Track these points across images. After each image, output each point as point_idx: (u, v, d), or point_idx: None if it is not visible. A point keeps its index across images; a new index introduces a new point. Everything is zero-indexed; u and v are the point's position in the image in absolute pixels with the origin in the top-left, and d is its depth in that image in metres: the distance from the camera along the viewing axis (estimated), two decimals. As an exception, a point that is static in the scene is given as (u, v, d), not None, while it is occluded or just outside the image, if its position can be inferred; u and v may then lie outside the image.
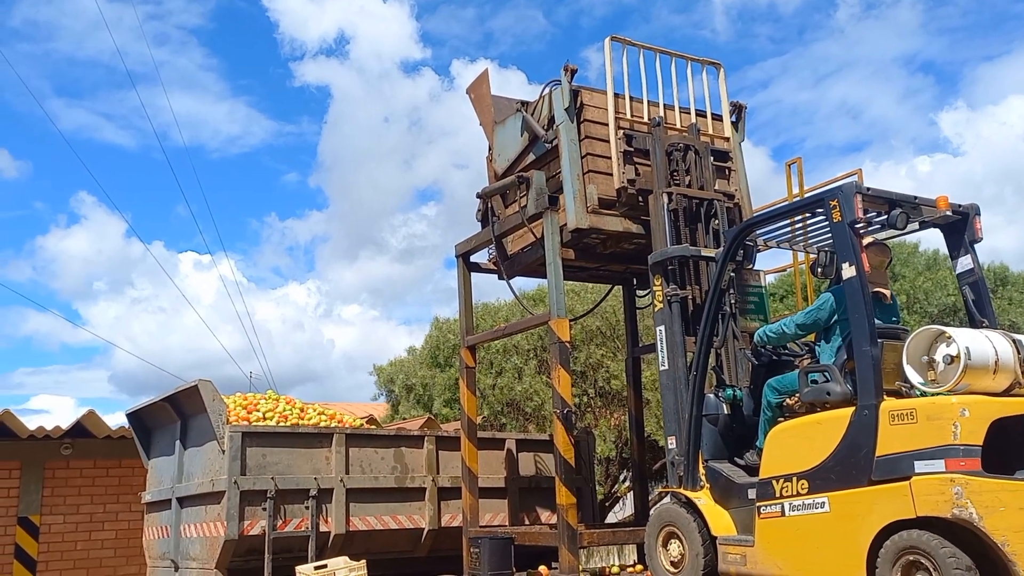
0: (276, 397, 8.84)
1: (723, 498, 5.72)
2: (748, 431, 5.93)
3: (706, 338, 5.91)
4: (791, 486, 5.09)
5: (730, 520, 5.61)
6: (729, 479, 5.72)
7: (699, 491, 5.84)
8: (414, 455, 8.38)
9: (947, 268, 17.27)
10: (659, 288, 6.46)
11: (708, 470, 5.87)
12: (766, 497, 5.23)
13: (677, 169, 7.02)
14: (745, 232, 5.93)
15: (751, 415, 5.97)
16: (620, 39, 7.41)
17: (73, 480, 10.68)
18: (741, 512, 5.55)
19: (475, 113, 8.47)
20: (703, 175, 7.12)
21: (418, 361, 17.29)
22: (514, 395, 14.18)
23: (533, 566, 7.34)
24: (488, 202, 7.98)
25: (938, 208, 5.48)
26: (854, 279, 5.00)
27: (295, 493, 7.57)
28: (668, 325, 6.37)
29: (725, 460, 5.92)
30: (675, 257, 6.46)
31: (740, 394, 6.04)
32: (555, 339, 7.01)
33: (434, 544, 8.33)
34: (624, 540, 8.76)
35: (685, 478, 5.95)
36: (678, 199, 6.82)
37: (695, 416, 5.92)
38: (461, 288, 8.30)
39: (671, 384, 6.29)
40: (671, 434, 6.23)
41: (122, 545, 10.73)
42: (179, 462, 8.18)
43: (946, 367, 4.74)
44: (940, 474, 4.40)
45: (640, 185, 7.15)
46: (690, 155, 7.10)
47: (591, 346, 14.22)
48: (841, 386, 5.08)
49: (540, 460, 9.16)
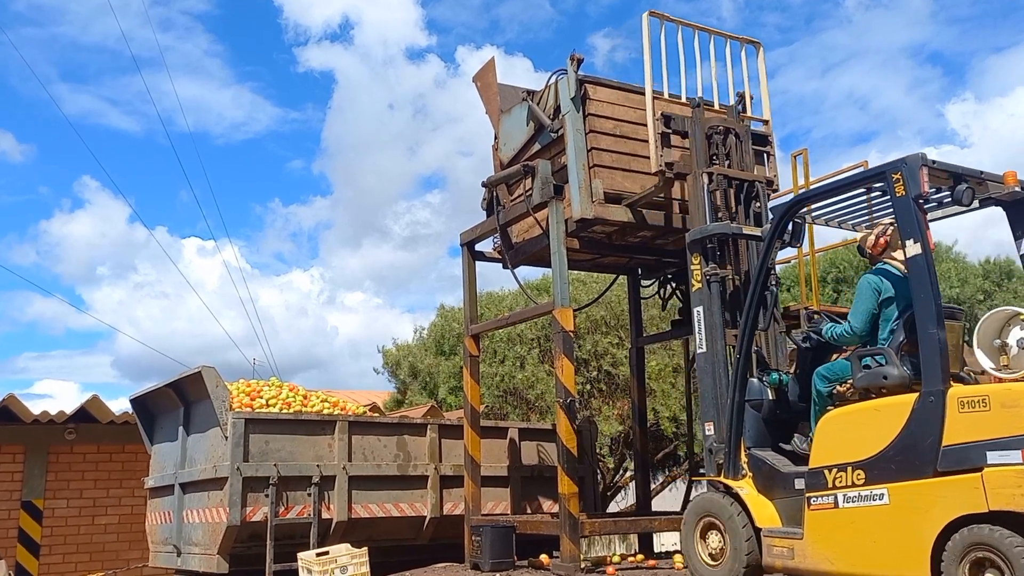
0: (279, 384, 8.85)
1: (767, 487, 5.45)
2: (793, 417, 5.69)
3: (751, 320, 5.62)
4: (845, 476, 4.82)
5: (774, 511, 5.35)
6: (774, 468, 5.43)
7: (741, 480, 5.58)
8: (417, 443, 8.39)
9: (950, 260, 17.22)
10: (697, 267, 6.20)
11: (751, 458, 5.60)
12: (817, 487, 4.96)
13: (717, 152, 6.77)
14: (795, 208, 5.56)
15: (796, 401, 5.71)
16: (658, 15, 7.14)
17: (77, 465, 10.73)
18: (787, 502, 5.28)
19: (481, 101, 8.44)
20: (743, 159, 6.87)
21: (423, 348, 17.33)
22: (515, 383, 14.19)
23: (534, 554, 7.35)
24: (493, 191, 7.96)
25: (1005, 184, 5.10)
26: (919, 257, 4.68)
27: (297, 480, 7.59)
28: (707, 306, 6.12)
29: (768, 448, 5.65)
30: (715, 235, 6.21)
31: (786, 379, 5.80)
32: (559, 328, 7.00)
33: (436, 532, 8.35)
34: (625, 529, 8.77)
35: (726, 466, 5.67)
36: (718, 179, 6.59)
37: (738, 401, 5.64)
38: (466, 277, 8.30)
39: (709, 368, 6.06)
40: (709, 420, 5.99)
41: (125, 530, 10.78)
42: (182, 448, 8.20)
43: (1020, 351, 4.51)
44: (1016, 466, 4.12)
45: (678, 169, 6.95)
46: (730, 138, 6.85)
47: (595, 335, 14.22)
48: (899, 370, 4.81)
49: (542, 449, 9.17)
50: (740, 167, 6.83)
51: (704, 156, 6.73)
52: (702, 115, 6.90)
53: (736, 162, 6.83)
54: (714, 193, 6.55)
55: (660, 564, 7.24)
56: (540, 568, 7.09)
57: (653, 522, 7.97)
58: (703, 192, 6.52)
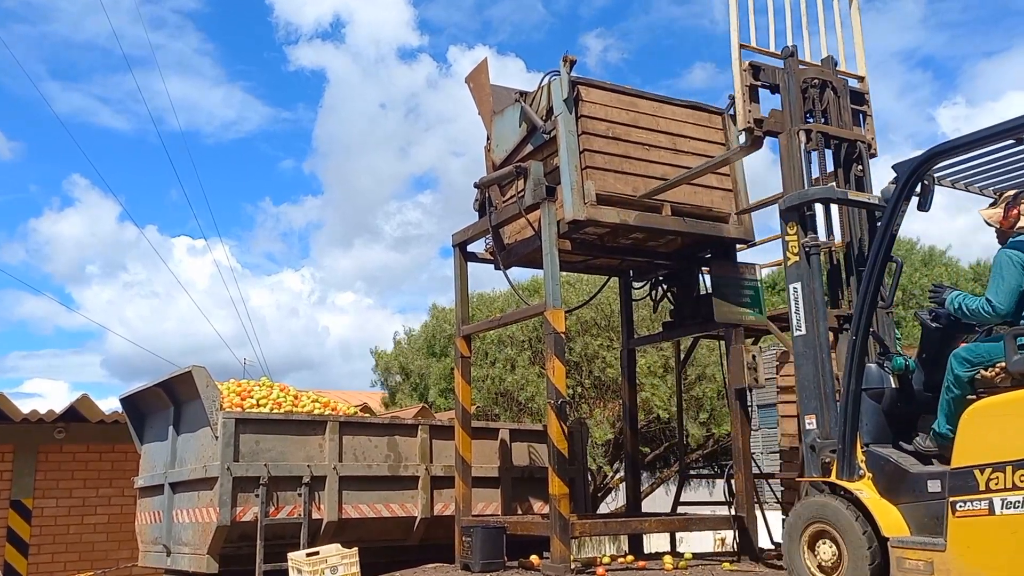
0: (270, 384, 8.83)
1: (890, 490, 4.82)
2: (918, 409, 5.07)
3: (871, 295, 4.96)
4: (1003, 478, 4.18)
5: (899, 517, 4.73)
6: (899, 467, 4.80)
7: (858, 481, 4.95)
8: (408, 443, 8.39)
9: (941, 265, 17.46)
10: (793, 237, 5.57)
11: (869, 456, 4.96)
12: (964, 491, 4.33)
13: (812, 109, 6.16)
14: (929, 163, 4.85)
15: (922, 390, 5.10)
16: None
17: (66, 464, 10.69)
18: (916, 508, 4.68)
19: (474, 102, 8.45)
20: (841, 116, 6.21)
21: (413, 348, 17.34)
22: (506, 386, 14.21)
23: (525, 555, 7.36)
24: (486, 192, 7.97)
25: None
26: None
27: (288, 480, 7.57)
28: (805, 281, 5.48)
29: (888, 444, 5.02)
30: (816, 200, 5.58)
31: (912, 364, 5.16)
32: (550, 330, 7.01)
33: (426, 532, 8.34)
34: (616, 530, 8.80)
35: (839, 466, 5.01)
36: (817, 138, 5.98)
37: (853, 390, 4.99)
38: (458, 278, 8.30)
39: (810, 352, 5.42)
40: (810, 412, 5.37)
41: (114, 529, 10.75)
42: (172, 447, 8.18)
43: None
44: None
45: (769, 127, 6.30)
46: (827, 93, 6.23)
47: (586, 337, 14.25)
48: None
49: (533, 450, 9.18)
50: (838, 125, 6.17)
51: (799, 112, 6.10)
52: (796, 65, 6.24)
53: (834, 119, 6.19)
54: (811, 153, 5.93)
55: (650, 565, 7.24)
56: (530, 569, 7.09)
57: (643, 523, 8.03)
58: (801, 151, 5.89)
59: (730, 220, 7.83)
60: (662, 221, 7.44)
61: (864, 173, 6.11)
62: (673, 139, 7.74)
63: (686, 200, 7.60)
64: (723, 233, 7.78)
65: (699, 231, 7.64)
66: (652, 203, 7.41)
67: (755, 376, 7.53)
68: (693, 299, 8.43)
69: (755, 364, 7.54)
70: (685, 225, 7.55)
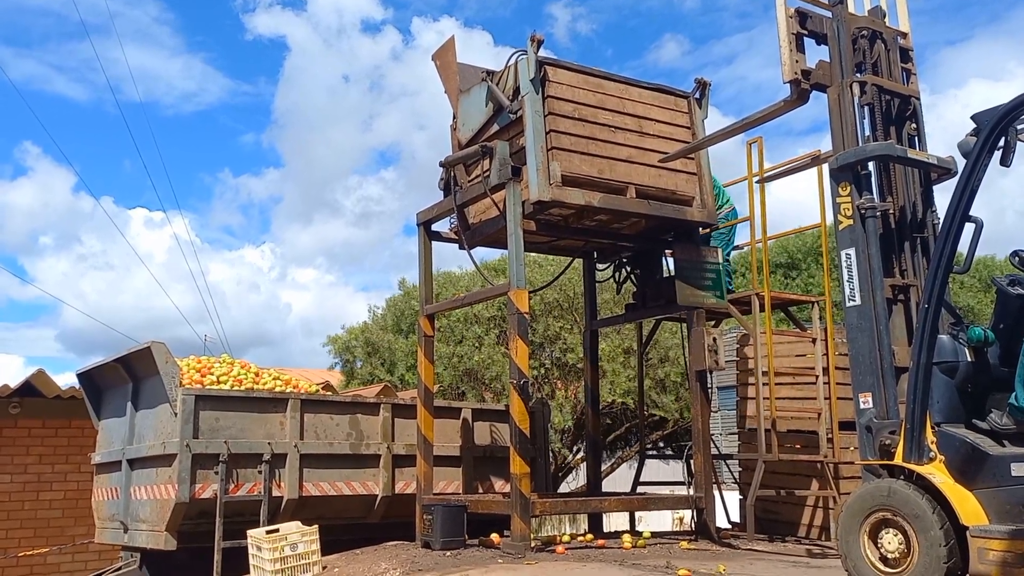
0: (231, 361, 8.77)
1: (965, 474, 4.37)
2: (994, 385, 4.64)
3: (946, 259, 4.47)
4: None
5: (977, 504, 4.29)
6: (977, 448, 4.35)
7: (928, 465, 4.48)
8: (369, 422, 8.38)
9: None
10: (846, 199, 5.12)
11: (941, 437, 4.49)
12: None
13: (862, 61, 5.71)
14: (1014, 112, 4.36)
15: (998, 364, 4.64)
16: None
17: (21, 440, 10.53)
18: (995, 494, 4.26)
19: (440, 80, 8.40)
20: (891, 71, 5.78)
21: (378, 326, 17.28)
22: (472, 364, 14.24)
23: (485, 533, 7.40)
24: (451, 171, 7.94)
25: None
26: None
27: (248, 457, 7.54)
28: (860, 247, 5.03)
29: (961, 424, 4.59)
30: (874, 158, 5.15)
31: (991, 335, 4.67)
32: (514, 310, 7.03)
33: (387, 511, 8.36)
34: (576, 509, 8.89)
35: (907, 447, 4.56)
36: (872, 91, 5.53)
37: (924, 364, 4.50)
38: (422, 257, 8.28)
39: (866, 325, 4.97)
40: (865, 390, 4.97)
41: (71, 506, 10.63)
42: (130, 424, 8.09)
43: None
44: None
45: (816, 79, 5.83)
46: (878, 45, 5.75)
47: (548, 318, 14.31)
48: None
49: (495, 430, 9.22)
50: (889, 79, 5.75)
51: (850, 63, 5.66)
52: (845, 13, 5.78)
53: (885, 73, 5.76)
54: (864, 108, 5.50)
55: (609, 543, 7.33)
56: (490, 547, 7.14)
57: (603, 502, 8.12)
58: (854, 105, 5.46)
59: (694, 203, 7.88)
60: (627, 203, 7.47)
61: (918, 132, 5.69)
62: (639, 121, 7.76)
63: (651, 183, 7.64)
64: (687, 216, 7.83)
65: (663, 214, 7.68)
66: (617, 185, 7.43)
67: (715, 358, 7.63)
68: (656, 281, 8.50)
69: (716, 347, 7.64)
70: (649, 208, 7.59)
